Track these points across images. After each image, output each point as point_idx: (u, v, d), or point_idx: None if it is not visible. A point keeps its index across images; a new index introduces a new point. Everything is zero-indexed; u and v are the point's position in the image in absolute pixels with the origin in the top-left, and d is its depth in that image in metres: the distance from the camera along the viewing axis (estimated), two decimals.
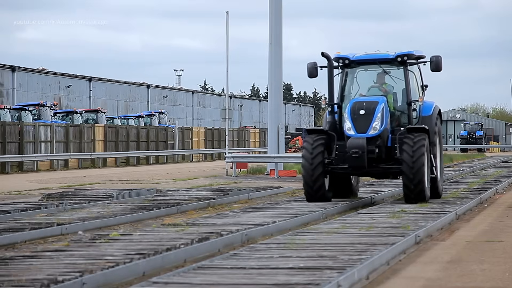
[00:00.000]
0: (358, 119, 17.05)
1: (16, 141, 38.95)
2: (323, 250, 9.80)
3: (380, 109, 17.12)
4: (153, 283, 7.72)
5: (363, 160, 16.71)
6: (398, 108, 18.04)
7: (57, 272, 8.09)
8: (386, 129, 17.30)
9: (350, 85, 18.18)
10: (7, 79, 54.41)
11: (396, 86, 18.07)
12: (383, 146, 17.18)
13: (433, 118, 18.19)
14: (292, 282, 7.72)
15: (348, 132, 17.09)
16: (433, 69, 17.90)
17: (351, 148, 16.77)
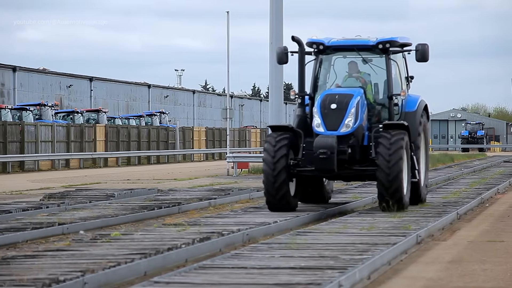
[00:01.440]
0: (329, 115, 14.95)
1: (18, 141, 38.96)
2: (325, 250, 9.80)
3: (354, 103, 15.03)
4: (154, 283, 7.73)
5: (331, 162, 14.58)
6: (378, 101, 15.87)
7: (59, 271, 8.10)
8: (361, 126, 15.21)
9: (326, 74, 16.05)
10: (8, 79, 54.42)
11: (376, 76, 15.95)
12: (358, 146, 15.09)
13: (417, 114, 16.05)
14: (294, 282, 7.72)
15: (317, 129, 15.05)
16: (419, 59, 15.77)
17: (318, 148, 14.64)
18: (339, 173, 14.93)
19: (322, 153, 14.60)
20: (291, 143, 15.07)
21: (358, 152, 15.10)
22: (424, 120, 16.38)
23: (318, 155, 14.63)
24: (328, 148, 14.63)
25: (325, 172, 14.87)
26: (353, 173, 15.21)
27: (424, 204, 16.06)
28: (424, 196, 16.41)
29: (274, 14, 30.31)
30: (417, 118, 16.04)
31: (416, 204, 15.90)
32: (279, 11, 30.30)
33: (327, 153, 14.60)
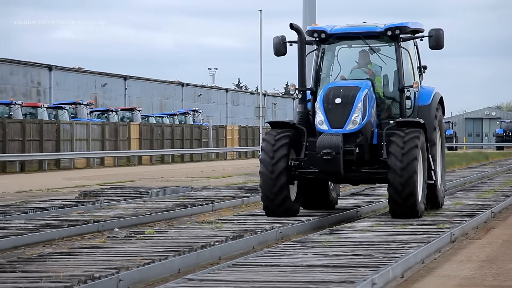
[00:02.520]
0: (333, 110, 13.30)
1: (53, 139, 39.37)
2: (358, 248, 9.80)
3: (361, 97, 13.34)
4: (188, 280, 7.79)
5: (337, 163, 12.96)
6: (388, 95, 14.22)
7: (94, 268, 8.20)
8: (370, 122, 13.55)
9: (329, 66, 14.41)
10: (44, 78, 55.02)
11: (386, 67, 14.28)
12: (366, 145, 13.45)
13: (432, 108, 14.41)
14: (327, 280, 7.73)
15: (320, 127, 13.37)
16: (433, 46, 14.04)
17: (322, 147, 12.98)
18: (345, 175, 13.29)
19: (326, 154, 12.97)
20: (293, 142, 13.52)
21: (367, 152, 13.49)
22: (439, 115, 14.78)
23: (322, 156, 13.00)
24: (333, 147, 12.98)
25: (330, 175, 13.29)
26: (362, 175, 13.56)
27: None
28: (442, 199, 14.79)
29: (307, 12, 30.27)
30: (432, 112, 14.40)
31: (433, 208, 14.38)
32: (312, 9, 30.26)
33: (332, 154, 12.96)
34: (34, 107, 43.43)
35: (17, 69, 53.12)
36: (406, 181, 12.89)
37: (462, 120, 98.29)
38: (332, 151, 13.00)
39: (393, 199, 13.07)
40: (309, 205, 14.71)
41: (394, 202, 13.08)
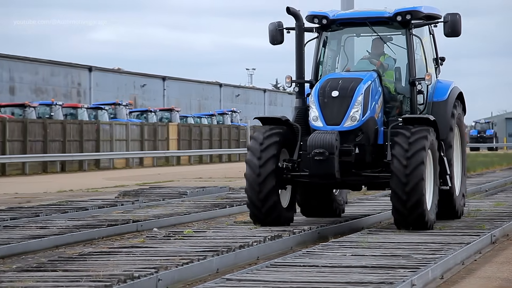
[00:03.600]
0: (329, 105, 11.73)
1: (93, 140, 39.75)
2: (396, 249, 9.74)
3: (362, 89, 11.76)
4: (226, 280, 7.81)
5: (330, 165, 11.37)
6: (400, 90, 12.53)
7: (133, 268, 8.26)
8: (373, 119, 11.93)
9: (335, 56, 12.78)
10: (84, 78, 55.60)
11: (399, 58, 12.61)
12: (369, 145, 11.84)
13: (448, 104, 12.73)
14: (365, 280, 7.70)
15: (314, 124, 11.83)
16: (448, 33, 12.38)
17: (314, 147, 11.43)
18: (343, 179, 11.71)
19: (318, 154, 11.36)
20: (285, 141, 11.99)
21: (369, 153, 11.84)
22: (458, 112, 13.08)
23: (313, 156, 11.39)
24: (326, 147, 11.39)
25: (323, 178, 11.65)
26: (362, 180, 11.95)
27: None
28: (461, 208, 13.01)
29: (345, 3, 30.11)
30: (449, 109, 12.73)
31: (450, 218, 12.75)
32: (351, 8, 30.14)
33: (325, 154, 11.35)
34: (75, 108, 43.90)
35: (58, 70, 53.74)
36: (412, 189, 11.23)
37: (502, 120, 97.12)
38: (325, 151, 11.38)
39: (397, 210, 11.41)
40: (310, 212, 13.19)
41: (399, 213, 11.44)
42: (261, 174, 11.77)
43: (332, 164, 11.44)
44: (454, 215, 12.90)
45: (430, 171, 11.81)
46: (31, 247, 10.44)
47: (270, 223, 11.88)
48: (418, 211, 11.37)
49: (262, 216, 11.88)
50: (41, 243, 10.70)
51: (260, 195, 11.79)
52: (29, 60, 51.72)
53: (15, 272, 8.24)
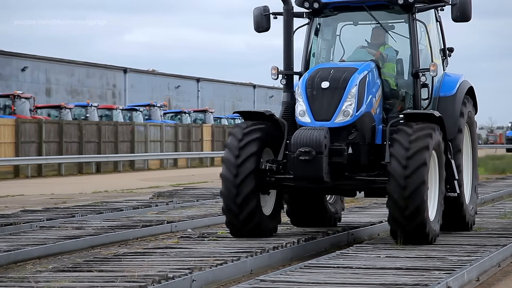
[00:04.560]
0: (319, 97, 10.29)
1: (128, 141, 40.02)
2: (431, 251, 9.67)
3: (356, 80, 10.34)
4: (260, 281, 7.81)
5: (318, 166, 9.87)
6: (402, 85, 11.09)
7: (168, 268, 8.30)
8: (369, 115, 10.47)
9: (329, 47, 11.35)
10: (120, 80, 56.01)
11: (401, 49, 11.17)
12: (365, 144, 10.41)
13: (456, 100, 11.24)
14: (400, 282, 7.65)
15: (301, 119, 10.40)
16: (457, 17, 10.93)
17: (298, 145, 9.96)
18: (334, 183, 10.23)
19: (304, 153, 9.87)
20: (269, 139, 10.53)
21: (364, 154, 10.38)
22: (468, 110, 11.57)
23: (298, 156, 9.92)
24: (313, 145, 9.88)
25: (310, 182, 10.16)
26: (356, 184, 10.43)
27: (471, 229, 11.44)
28: (471, 218, 11.51)
29: None
30: (457, 105, 11.21)
31: (458, 230, 11.30)
32: None
33: (311, 153, 9.85)
34: (110, 109, 44.26)
35: (93, 71, 54.21)
36: (412, 193, 9.71)
37: None
38: (312, 150, 9.87)
39: (394, 218, 9.90)
40: (300, 221, 11.69)
41: (395, 222, 9.91)
42: (239, 175, 10.22)
43: (319, 165, 9.90)
44: (464, 226, 11.32)
45: (434, 176, 10.28)
46: (67, 248, 10.53)
47: (249, 233, 10.38)
48: (417, 220, 9.80)
49: (239, 225, 10.37)
50: (76, 244, 10.79)
51: (238, 199, 10.25)
52: (65, 62, 52.24)
53: (51, 272, 8.32)
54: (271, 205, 10.79)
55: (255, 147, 10.35)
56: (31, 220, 13.19)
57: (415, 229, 9.88)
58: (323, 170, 9.99)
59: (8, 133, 32.62)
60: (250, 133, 10.43)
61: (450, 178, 10.79)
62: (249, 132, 10.43)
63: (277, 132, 10.68)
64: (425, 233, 9.92)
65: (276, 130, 10.69)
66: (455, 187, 10.88)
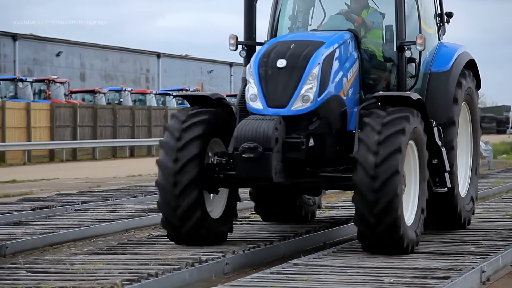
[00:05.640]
0: (273, 79, 8.51)
1: (161, 125, 40.19)
2: (465, 236, 9.60)
3: (320, 57, 8.55)
4: (293, 265, 7.82)
5: (265, 166, 8.13)
6: (391, 55, 9.32)
7: (201, 252, 8.34)
8: (337, 99, 8.66)
9: (307, 8, 9.62)
10: (153, 65, 56.24)
11: (389, 13, 9.40)
12: (331, 134, 8.62)
13: (451, 77, 9.55)
14: (433, 267, 7.62)
15: (251, 105, 8.60)
16: None
17: (242, 140, 8.21)
18: (292, 182, 8.53)
19: (248, 150, 8.12)
20: (218, 126, 8.73)
21: (332, 145, 8.64)
22: (467, 87, 9.84)
23: (241, 153, 8.18)
24: (260, 139, 8.13)
25: (256, 181, 8.47)
26: (320, 182, 8.74)
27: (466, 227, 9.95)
28: (467, 215, 9.92)
29: None
30: (451, 82, 9.52)
31: (452, 229, 9.77)
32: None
33: (257, 150, 8.10)
34: (143, 94, 44.46)
35: (127, 56, 54.48)
36: (383, 185, 7.96)
37: None
38: (258, 146, 8.11)
39: (362, 217, 8.12)
40: (268, 215, 10.33)
41: (363, 222, 8.13)
42: (179, 160, 8.45)
43: (267, 163, 8.12)
44: (457, 223, 9.76)
45: (414, 172, 8.59)
46: (101, 231, 10.63)
47: (192, 238, 8.62)
48: (390, 218, 8.04)
49: (183, 238, 8.64)
50: (111, 227, 10.89)
51: (178, 211, 8.45)
52: (99, 47, 52.56)
53: (86, 254, 8.41)
54: (221, 206, 8.96)
55: (200, 129, 8.55)
56: (66, 204, 13.33)
57: (386, 231, 8.08)
58: (273, 170, 8.16)
59: (43, 118, 32.95)
60: (197, 115, 8.67)
61: (440, 170, 9.11)
62: (195, 114, 8.67)
63: (229, 119, 8.81)
64: (399, 235, 8.11)
65: (229, 117, 8.82)
66: (446, 181, 9.15)
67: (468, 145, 10.30)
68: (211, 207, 8.91)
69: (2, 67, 45.76)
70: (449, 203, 9.56)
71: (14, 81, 36.32)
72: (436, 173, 9.17)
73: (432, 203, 9.07)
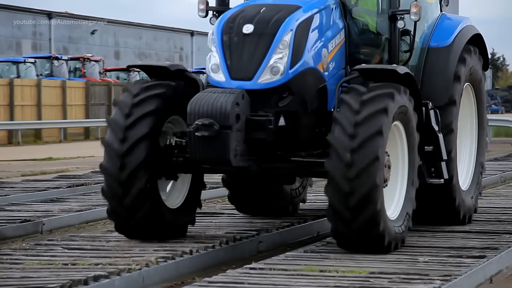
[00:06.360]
0: (238, 47, 7.43)
1: None
2: (502, 214, 9.53)
3: (293, 23, 7.44)
4: (327, 243, 7.82)
5: (221, 146, 7.09)
6: (384, 28, 8.15)
7: (235, 230, 8.38)
8: (314, 72, 7.53)
9: None
10: (186, 43, 56.32)
11: None
12: (306, 112, 7.48)
13: (452, 53, 8.40)
14: (469, 245, 7.57)
15: (213, 77, 7.54)
16: None
17: (196, 116, 7.15)
18: (260, 166, 7.45)
19: (202, 127, 7.07)
20: (179, 101, 7.52)
21: (307, 126, 7.51)
22: (471, 65, 8.65)
23: (194, 130, 7.13)
24: (217, 116, 7.09)
25: (212, 164, 7.36)
26: (291, 168, 7.52)
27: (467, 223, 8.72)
28: (467, 210, 8.67)
29: None
30: (452, 58, 8.39)
31: (450, 223, 8.55)
32: None
33: (213, 128, 7.06)
34: None
35: (161, 34, 54.61)
36: (360, 173, 6.89)
37: None
38: (214, 123, 7.06)
39: (335, 210, 7.05)
40: (245, 206, 9.13)
41: (337, 216, 7.07)
42: (127, 140, 7.34)
43: (225, 144, 7.07)
44: (455, 218, 8.55)
45: (400, 153, 7.51)
46: None
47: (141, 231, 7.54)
48: (368, 212, 6.94)
49: (132, 231, 7.55)
50: None
51: (122, 175, 7.31)
52: (133, 25, 52.73)
53: None
54: (182, 195, 7.84)
55: (154, 104, 7.41)
56: (101, 181, 13.38)
57: (364, 227, 6.99)
58: (231, 151, 7.07)
59: (78, 96, 33.21)
60: (152, 88, 7.55)
61: (436, 158, 8.04)
62: (150, 87, 7.56)
63: (194, 94, 7.44)
64: (378, 233, 6.99)
65: (194, 92, 7.49)
66: (443, 172, 8.05)
67: (472, 133, 9.03)
68: (167, 196, 7.69)
69: (38, 45, 46.16)
70: (446, 195, 8.32)
71: (50, 59, 36.64)
72: (432, 162, 8.04)
73: (426, 194, 8.04)
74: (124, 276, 6.33)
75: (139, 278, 6.45)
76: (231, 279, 6.23)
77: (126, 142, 7.33)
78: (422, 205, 7.92)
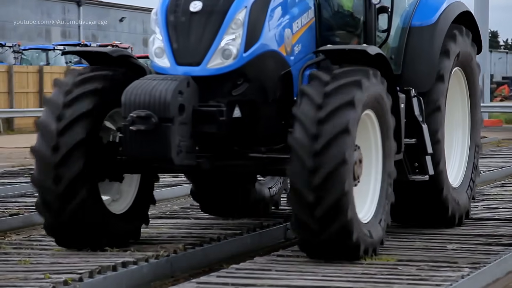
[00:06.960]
0: (185, 28, 6.55)
1: None
2: None
3: None
4: None
5: (160, 142, 6.21)
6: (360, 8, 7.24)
7: (263, 218, 8.38)
8: (275, 55, 6.60)
9: None
10: None
11: None
12: (267, 102, 6.57)
13: (437, 32, 7.42)
14: (498, 233, 7.53)
15: (157, 62, 6.65)
16: None
17: (130, 107, 6.25)
18: (214, 164, 6.56)
19: (138, 120, 6.19)
20: (117, 96, 6.40)
21: (268, 117, 6.60)
22: (460, 47, 7.65)
23: (129, 125, 6.22)
24: (155, 107, 6.20)
25: (151, 162, 6.51)
26: (248, 165, 6.68)
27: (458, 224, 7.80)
28: (460, 210, 7.76)
29: None
30: (438, 39, 7.41)
31: (440, 226, 7.63)
32: None
33: (150, 121, 6.17)
34: None
35: None
36: (325, 180, 6.01)
37: None
38: (151, 115, 6.16)
39: (300, 221, 6.18)
40: (213, 207, 8.14)
41: (303, 228, 6.21)
42: (60, 148, 6.35)
43: (165, 139, 6.16)
44: (444, 220, 7.63)
45: (373, 143, 6.61)
46: (165, 195, 10.75)
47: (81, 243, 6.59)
48: (337, 225, 6.09)
49: (63, 231, 6.55)
50: (173, 192, 11.01)
51: (58, 188, 6.36)
52: None
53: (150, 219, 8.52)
54: (129, 198, 6.92)
55: (88, 103, 6.43)
56: None
57: (334, 238, 6.13)
58: (173, 148, 6.17)
59: None
60: (86, 81, 6.53)
61: (420, 152, 7.17)
62: (85, 80, 6.53)
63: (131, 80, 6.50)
64: (352, 243, 6.15)
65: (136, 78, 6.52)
66: (427, 167, 7.17)
67: (464, 124, 8.06)
68: (111, 201, 6.83)
69: (67, 32, 46.42)
70: (432, 191, 7.36)
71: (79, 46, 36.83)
72: (415, 156, 7.16)
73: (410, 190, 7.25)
74: (152, 262, 6.36)
75: (167, 265, 6.48)
76: (259, 266, 6.23)
77: (60, 151, 6.34)
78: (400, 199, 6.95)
